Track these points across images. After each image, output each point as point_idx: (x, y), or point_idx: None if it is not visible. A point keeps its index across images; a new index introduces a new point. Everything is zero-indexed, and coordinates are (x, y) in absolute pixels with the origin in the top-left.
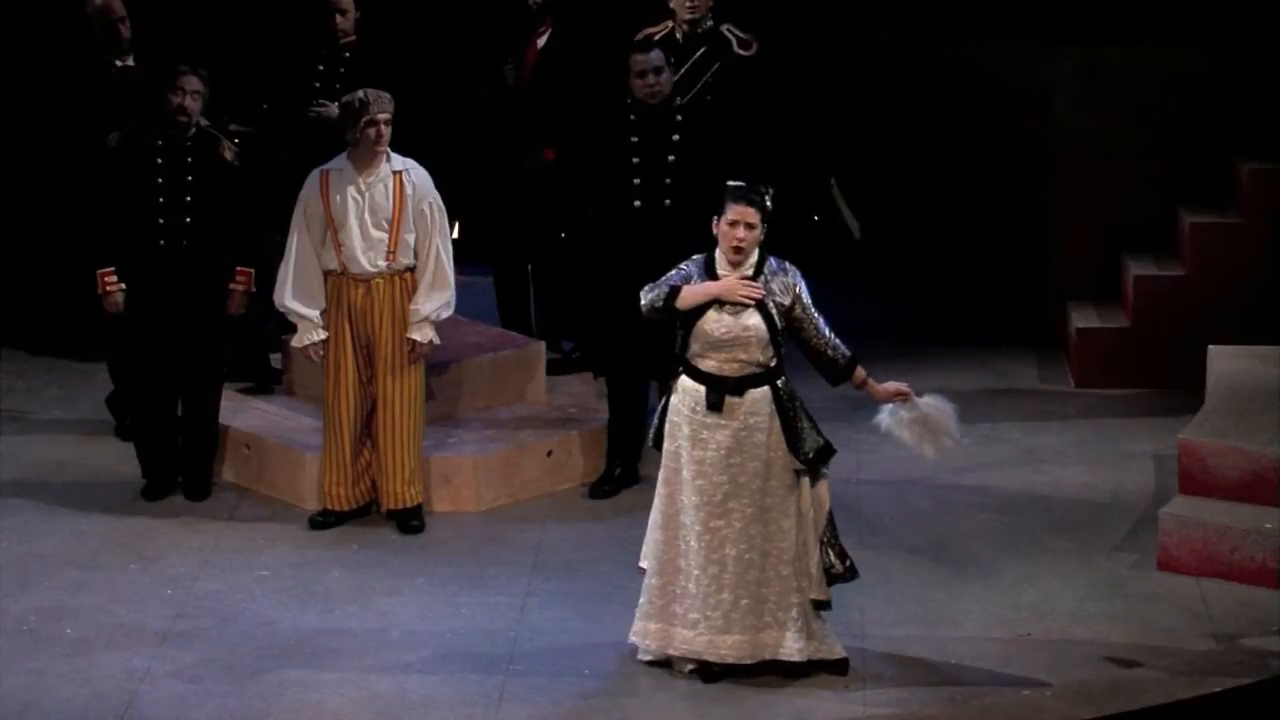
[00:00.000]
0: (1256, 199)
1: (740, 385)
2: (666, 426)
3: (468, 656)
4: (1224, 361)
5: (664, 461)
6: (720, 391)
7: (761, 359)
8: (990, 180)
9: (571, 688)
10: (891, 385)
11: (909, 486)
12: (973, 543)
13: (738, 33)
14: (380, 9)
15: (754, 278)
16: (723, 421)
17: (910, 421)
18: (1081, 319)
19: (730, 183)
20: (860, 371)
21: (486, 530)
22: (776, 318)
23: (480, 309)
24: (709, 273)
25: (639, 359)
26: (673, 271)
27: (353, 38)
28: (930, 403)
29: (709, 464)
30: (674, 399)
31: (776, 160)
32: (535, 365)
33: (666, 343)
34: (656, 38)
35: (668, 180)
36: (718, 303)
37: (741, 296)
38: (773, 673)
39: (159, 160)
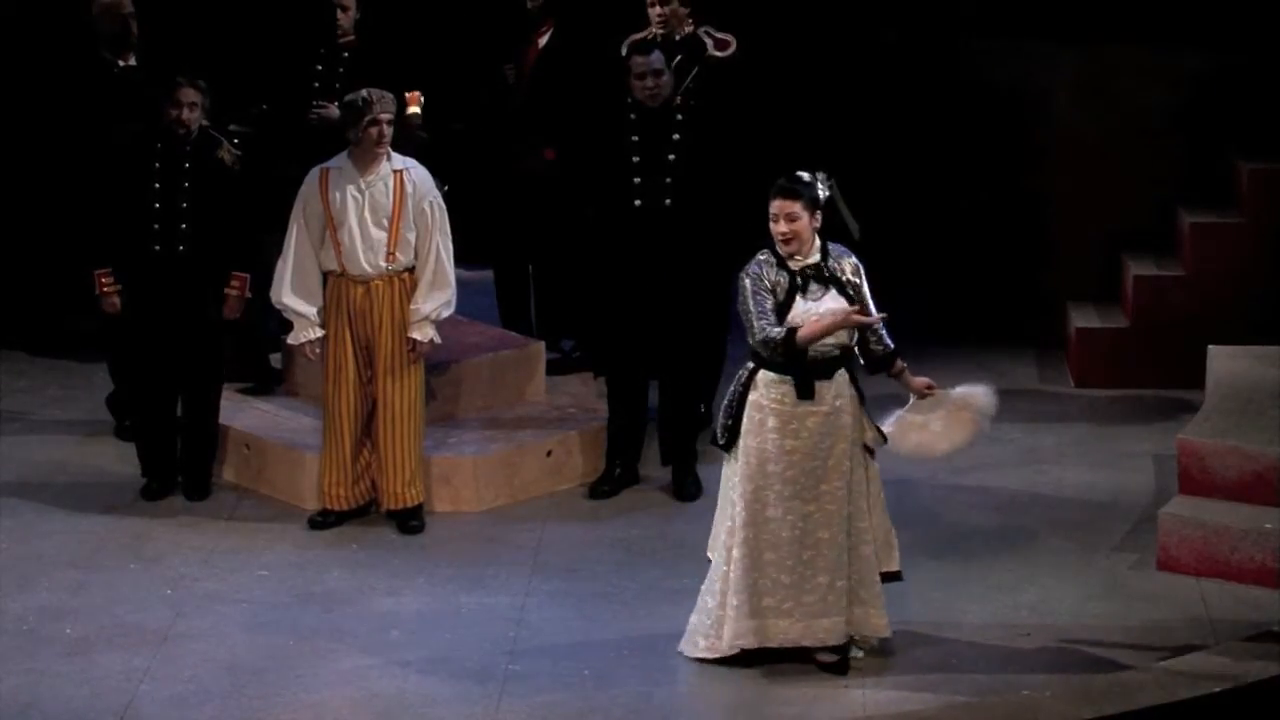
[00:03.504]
0: (1256, 199)
1: (829, 368)
2: (745, 423)
3: (467, 656)
4: (1224, 361)
5: (742, 459)
6: (810, 378)
7: (846, 340)
8: (990, 180)
9: (571, 687)
10: (922, 379)
11: (909, 486)
12: (973, 543)
13: (714, 34)
14: (380, 9)
15: (822, 262)
16: (813, 408)
17: (926, 422)
18: (1081, 319)
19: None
20: (899, 362)
21: (486, 530)
22: (854, 298)
23: (480, 309)
24: (781, 266)
25: (639, 358)
26: (747, 281)
27: (351, 37)
28: (963, 390)
29: (801, 452)
30: (753, 395)
31: (777, 160)
32: (535, 365)
33: (666, 340)
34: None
35: (668, 180)
36: (801, 291)
37: (856, 322)
38: (776, 668)
39: (157, 164)
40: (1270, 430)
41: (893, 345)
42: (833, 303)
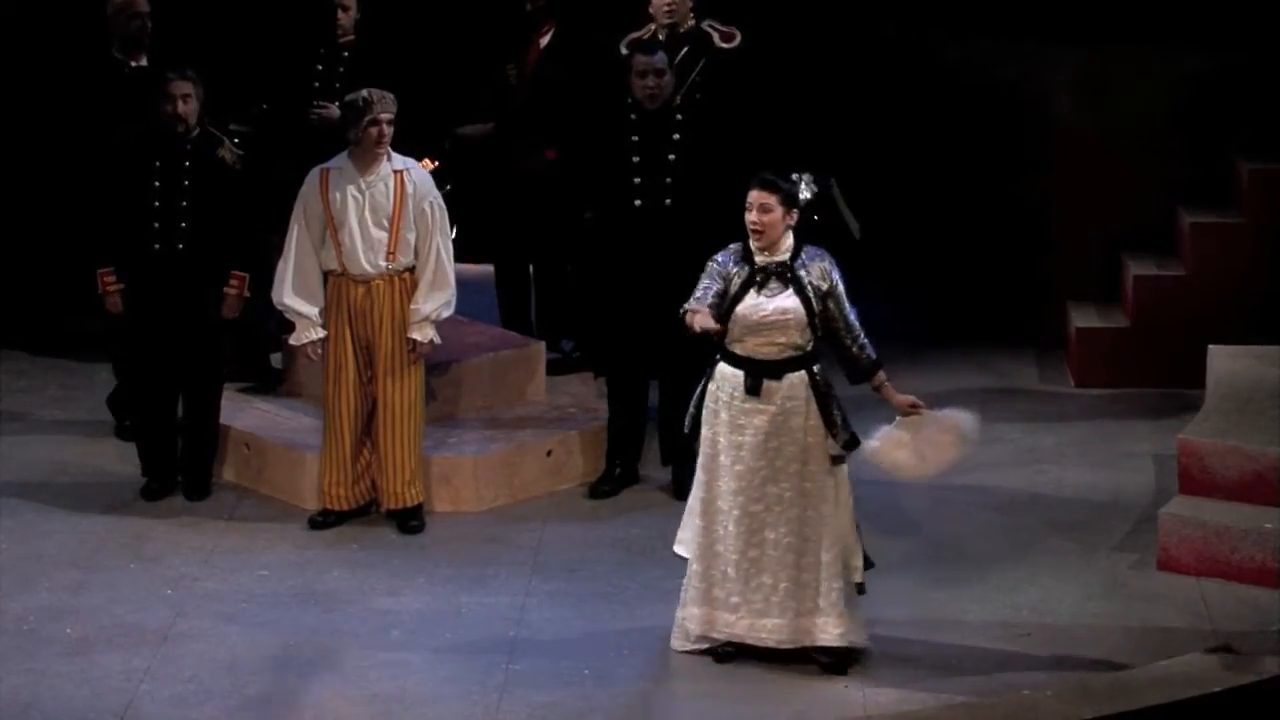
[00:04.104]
0: (1256, 199)
1: (778, 369)
2: (704, 413)
3: (467, 656)
4: (1224, 361)
5: (701, 448)
6: (758, 375)
7: (799, 342)
8: (990, 180)
9: (571, 687)
10: (907, 397)
11: (908, 487)
12: (973, 543)
13: (719, 27)
14: (380, 9)
15: (790, 262)
16: (761, 406)
17: (910, 441)
18: (1081, 319)
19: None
20: (880, 375)
21: (486, 530)
22: (814, 301)
23: (481, 309)
24: (745, 259)
25: (639, 358)
26: (710, 265)
27: (351, 37)
28: (947, 413)
29: (747, 449)
30: (711, 386)
31: (777, 160)
32: (535, 365)
33: (666, 340)
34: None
35: (668, 180)
36: (754, 286)
37: (700, 327)
38: (775, 667)
39: (157, 163)
40: (1270, 430)
41: (875, 356)
42: (784, 301)
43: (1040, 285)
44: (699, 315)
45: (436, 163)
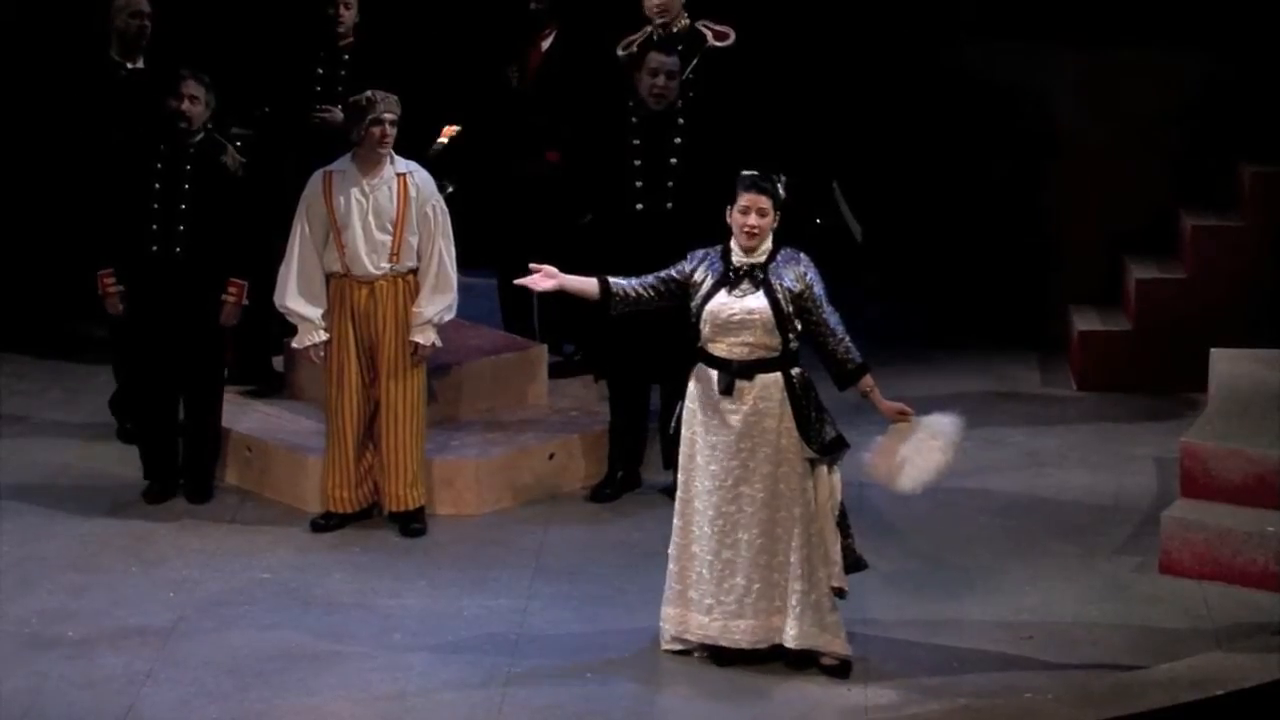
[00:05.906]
0: (1258, 202)
1: (749, 370)
2: (684, 414)
3: (469, 659)
4: (1226, 364)
5: (680, 449)
6: (730, 375)
7: (769, 343)
8: (992, 183)
9: (573, 690)
10: (895, 404)
11: None
12: (974, 546)
13: (713, 26)
14: (381, 9)
15: (767, 264)
16: (733, 406)
17: (901, 450)
18: (1083, 322)
19: (743, 172)
20: (868, 380)
21: (488, 533)
22: (784, 303)
23: (483, 312)
24: (725, 261)
25: (641, 362)
26: (687, 257)
27: (351, 39)
28: (933, 417)
29: (721, 449)
30: (690, 385)
31: (778, 163)
32: (537, 368)
33: (668, 345)
34: (636, 45)
35: (670, 183)
36: (726, 285)
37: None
38: (776, 670)
39: (159, 165)
40: (1273, 433)
41: (861, 360)
42: (753, 302)
43: (1042, 288)
44: (538, 274)
45: (458, 129)
